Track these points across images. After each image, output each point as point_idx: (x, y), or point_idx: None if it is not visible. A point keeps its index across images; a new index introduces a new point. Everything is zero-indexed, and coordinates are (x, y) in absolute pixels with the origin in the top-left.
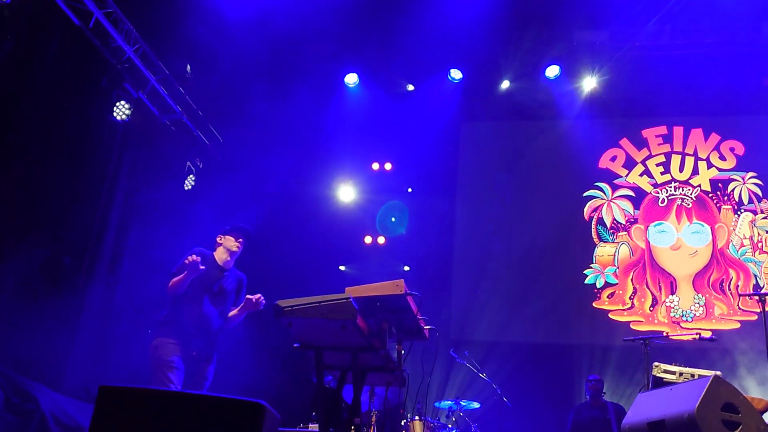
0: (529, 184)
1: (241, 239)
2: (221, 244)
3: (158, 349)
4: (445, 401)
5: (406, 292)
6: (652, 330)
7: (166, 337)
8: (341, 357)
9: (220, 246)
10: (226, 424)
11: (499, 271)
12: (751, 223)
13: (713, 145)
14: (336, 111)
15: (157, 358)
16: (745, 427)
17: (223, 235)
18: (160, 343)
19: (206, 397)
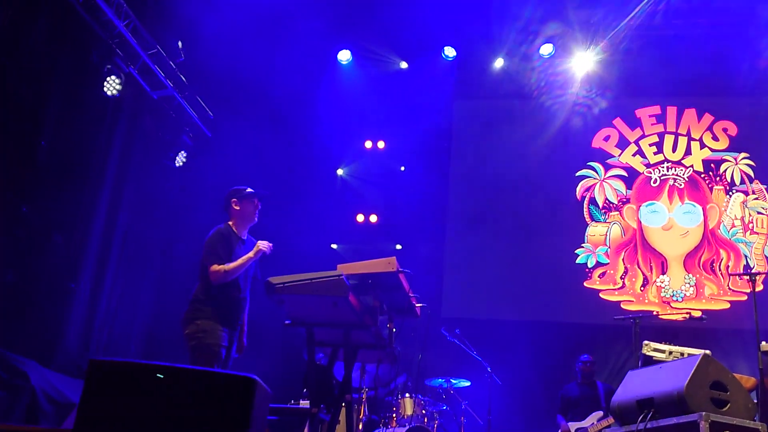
0: (521, 163)
1: (259, 207)
2: (238, 210)
3: (207, 335)
4: (436, 379)
5: (398, 269)
6: (643, 309)
7: (214, 322)
8: (333, 334)
9: (236, 210)
10: (218, 398)
11: (491, 249)
12: (742, 203)
13: (706, 125)
14: (329, 88)
15: (206, 347)
16: (733, 404)
17: (239, 200)
18: (210, 329)
19: (198, 372)
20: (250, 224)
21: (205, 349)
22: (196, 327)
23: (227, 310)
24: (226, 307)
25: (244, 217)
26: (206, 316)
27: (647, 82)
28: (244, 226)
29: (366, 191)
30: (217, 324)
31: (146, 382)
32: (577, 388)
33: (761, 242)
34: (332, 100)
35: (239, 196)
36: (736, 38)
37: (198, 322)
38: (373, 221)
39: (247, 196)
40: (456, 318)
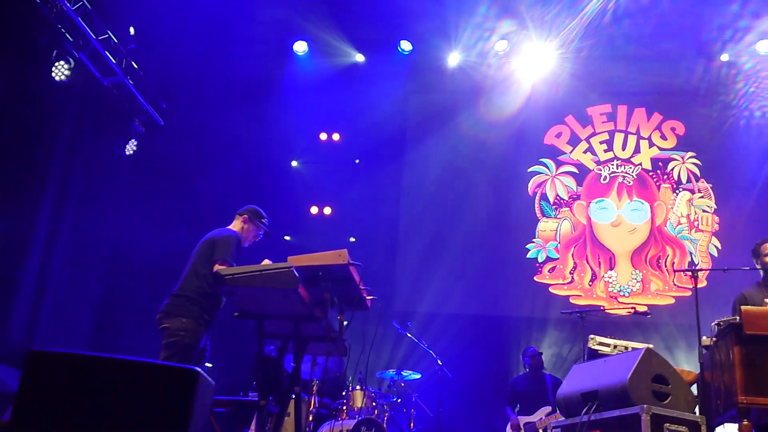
0: (475, 158)
1: (262, 233)
2: (244, 227)
3: (188, 335)
4: (387, 371)
5: (348, 262)
6: (591, 304)
7: (197, 323)
8: (282, 326)
9: (242, 226)
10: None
11: (444, 243)
12: (688, 201)
13: (655, 124)
14: (284, 79)
15: (185, 347)
16: (673, 398)
17: (250, 221)
18: (192, 329)
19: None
20: (243, 244)
21: (182, 349)
22: (180, 324)
23: (210, 313)
24: (210, 309)
25: (244, 236)
26: (192, 315)
27: (599, 81)
28: (243, 242)
29: (320, 183)
30: (200, 325)
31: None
32: (526, 380)
33: (706, 240)
34: (288, 92)
35: (253, 219)
36: (685, 39)
37: (183, 320)
38: (327, 213)
39: (257, 225)
40: (408, 311)
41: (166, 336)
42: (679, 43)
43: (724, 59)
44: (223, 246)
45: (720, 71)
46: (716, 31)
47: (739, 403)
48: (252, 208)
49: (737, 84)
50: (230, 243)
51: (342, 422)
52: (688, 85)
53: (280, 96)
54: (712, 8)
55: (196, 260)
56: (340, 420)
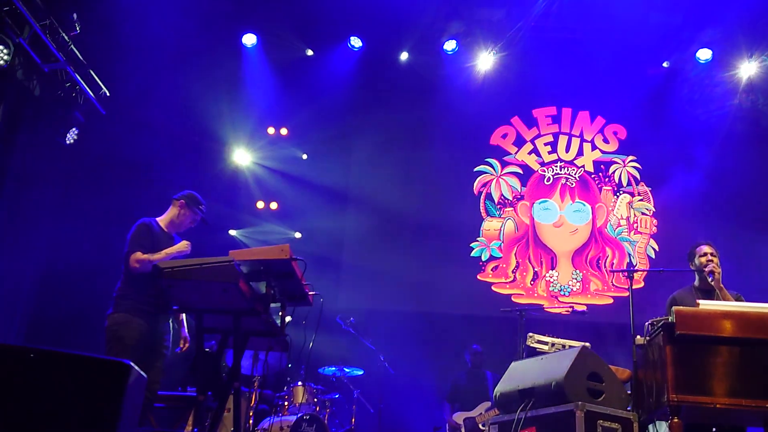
0: (422, 156)
1: (199, 218)
2: (179, 212)
3: (121, 328)
4: (329, 367)
5: (291, 257)
6: (532, 303)
7: (130, 315)
8: (223, 320)
9: (178, 212)
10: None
11: (389, 240)
12: (628, 204)
13: (598, 128)
14: (232, 71)
15: (118, 339)
16: (607, 395)
17: (187, 207)
18: (124, 321)
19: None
20: (179, 230)
21: (116, 342)
22: (111, 320)
23: (144, 301)
24: (143, 297)
25: (179, 221)
26: (123, 309)
27: (545, 83)
28: (174, 227)
29: (267, 178)
30: (135, 316)
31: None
32: (467, 377)
33: (644, 242)
34: (235, 84)
35: (189, 205)
36: (629, 45)
37: (114, 315)
38: (274, 208)
39: (194, 211)
40: (353, 307)
41: (106, 335)
42: (623, 50)
43: (665, 66)
44: (131, 239)
45: (662, 78)
46: (660, 39)
47: (670, 400)
48: (190, 193)
49: (679, 90)
50: (137, 233)
51: (283, 418)
52: (630, 91)
53: (228, 89)
54: (657, 16)
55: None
56: (281, 416)
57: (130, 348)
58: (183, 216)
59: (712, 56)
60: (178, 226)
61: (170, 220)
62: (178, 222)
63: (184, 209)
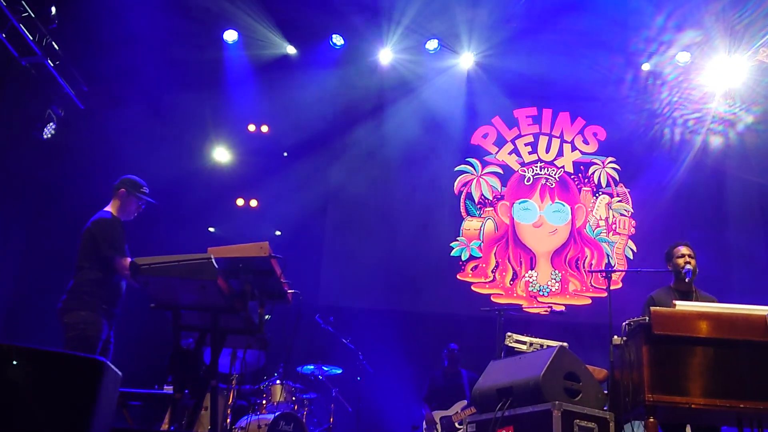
0: (403, 155)
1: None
2: (122, 202)
3: (90, 327)
4: (308, 366)
5: (270, 254)
6: (511, 303)
7: (97, 314)
8: (200, 318)
9: (120, 201)
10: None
11: (370, 239)
12: (607, 205)
13: (578, 129)
14: (213, 67)
15: (86, 339)
16: (584, 395)
17: (128, 194)
18: (93, 321)
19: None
20: (127, 219)
21: (84, 342)
22: (78, 317)
23: (111, 303)
24: (110, 299)
25: (124, 210)
26: (90, 308)
27: (526, 84)
28: (124, 217)
29: (248, 175)
30: (100, 316)
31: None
32: (444, 376)
33: (622, 242)
34: (216, 80)
35: (131, 191)
36: (609, 47)
37: (82, 313)
38: (254, 206)
39: (136, 195)
40: (332, 306)
41: (67, 331)
42: (604, 51)
43: (646, 68)
44: (105, 241)
45: (642, 80)
46: (640, 42)
47: (646, 400)
48: (127, 179)
49: (658, 93)
50: (113, 232)
51: (261, 416)
52: (610, 92)
53: (209, 85)
54: (637, 19)
55: (80, 253)
56: (259, 414)
57: (96, 349)
58: (127, 204)
59: (690, 59)
60: (127, 215)
61: (118, 210)
62: (124, 211)
63: (125, 197)
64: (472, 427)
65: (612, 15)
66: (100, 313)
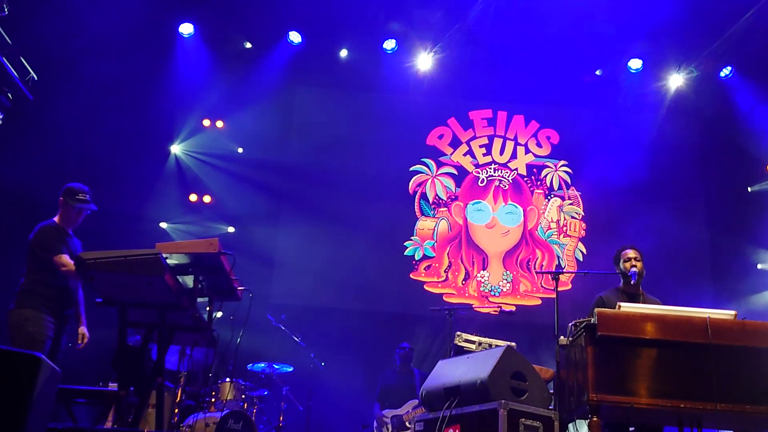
0: (359, 154)
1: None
2: (63, 210)
3: (29, 323)
4: (258, 364)
5: (219, 251)
6: (463, 302)
7: (38, 311)
8: (147, 314)
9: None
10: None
11: (324, 237)
12: (558, 207)
13: (532, 132)
14: (168, 60)
15: (27, 334)
16: (530, 394)
17: (66, 203)
18: (33, 317)
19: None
20: (73, 226)
21: (26, 338)
22: (19, 315)
23: (58, 302)
24: (57, 299)
25: (66, 219)
26: (33, 305)
27: (481, 86)
28: (68, 224)
29: (201, 170)
30: (44, 314)
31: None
32: (396, 375)
33: (573, 244)
34: (171, 73)
35: (67, 201)
36: (563, 51)
37: (22, 311)
38: (207, 202)
39: (71, 203)
40: (285, 303)
41: (11, 330)
42: (559, 56)
43: (598, 74)
44: (46, 242)
45: (595, 85)
46: (593, 47)
47: (590, 400)
48: (67, 188)
49: (610, 98)
50: (47, 236)
51: (209, 415)
52: (564, 97)
53: (163, 78)
54: (591, 25)
55: (27, 258)
56: (207, 412)
57: (41, 344)
58: (67, 212)
59: (642, 66)
60: (71, 222)
61: (61, 218)
62: (67, 219)
63: (64, 206)
64: (419, 425)
65: (567, 21)
66: (45, 311)
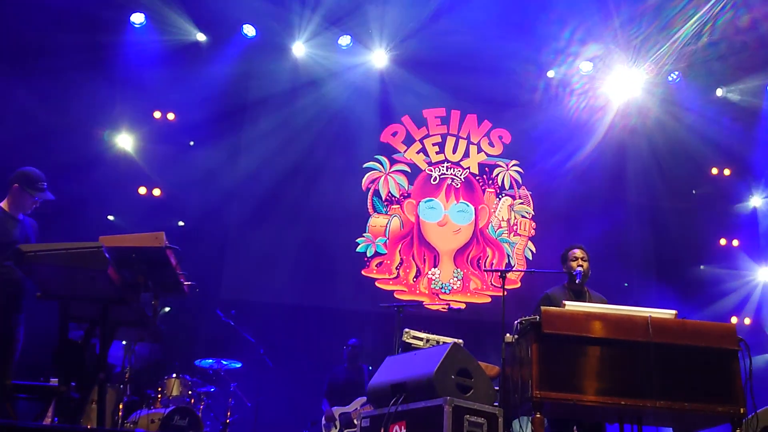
0: (312, 150)
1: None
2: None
3: None
4: (207, 360)
5: (165, 245)
6: (414, 299)
7: None
8: (90, 309)
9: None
10: None
11: (275, 232)
12: (509, 207)
13: (485, 131)
14: (118, 50)
15: None
16: (475, 391)
17: (21, 189)
18: None
19: None
20: (23, 212)
21: None
22: None
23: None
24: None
25: (18, 204)
26: None
27: (435, 85)
28: (17, 209)
29: (151, 163)
30: None
31: None
32: (344, 372)
33: (522, 243)
34: (121, 64)
35: (24, 186)
36: (516, 52)
37: None
38: (157, 195)
39: (29, 192)
40: (235, 299)
41: None
42: (512, 57)
43: (551, 75)
44: None
45: (547, 87)
46: (546, 50)
47: (534, 397)
48: (23, 173)
49: (562, 100)
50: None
51: (154, 411)
52: (517, 97)
53: (112, 67)
54: (544, 27)
55: None
56: (152, 408)
57: None
58: (20, 199)
59: (593, 69)
60: (21, 209)
61: (11, 203)
62: (18, 205)
63: (18, 192)
64: (365, 422)
65: (520, 22)
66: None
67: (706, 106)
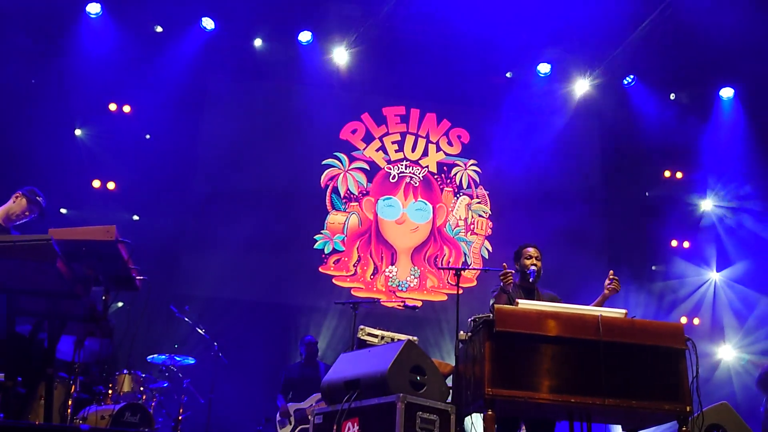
0: (271, 146)
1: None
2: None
3: None
4: (159, 356)
5: (116, 239)
6: (371, 297)
7: None
8: (38, 302)
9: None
10: None
11: (232, 227)
12: (467, 206)
13: (444, 130)
14: (73, 40)
15: None
16: (428, 387)
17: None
18: None
19: None
20: (14, 223)
21: None
22: None
23: None
24: None
25: (13, 214)
26: None
27: (395, 83)
28: (9, 220)
29: (106, 156)
30: None
31: None
32: (300, 368)
33: (479, 242)
34: (76, 54)
35: (26, 198)
36: (475, 52)
37: None
38: (111, 188)
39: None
40: (189, 294)
41: None
42: (470, 57)
43: (509, 76)
44: None
45: (505, 87)
46: (504, 50)
47: (486, 394)
48: (27, 188)
49: (520, 100)
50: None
51: (104, 407)
52: (476, 97)
53: (68, 58)
54: (502, 28)
55: None
56: (103, 405)
57: None
58: (17, 210)
59: (551, 70)
60: (14, 220)
61: (5, 212)
62: (13, 214)
63: (15, 202)
64: (318, 418)
65: (480, 23)
66: None
67: (659, 109)
